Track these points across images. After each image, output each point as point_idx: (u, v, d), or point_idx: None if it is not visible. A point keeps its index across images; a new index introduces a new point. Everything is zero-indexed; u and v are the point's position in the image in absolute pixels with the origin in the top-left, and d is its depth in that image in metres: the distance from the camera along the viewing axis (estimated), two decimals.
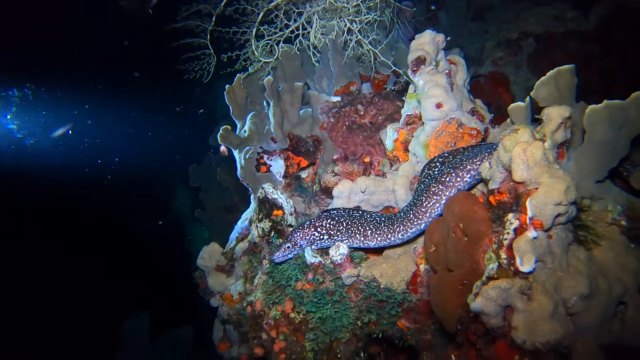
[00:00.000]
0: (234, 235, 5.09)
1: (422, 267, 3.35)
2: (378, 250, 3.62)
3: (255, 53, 4.99)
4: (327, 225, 3.24)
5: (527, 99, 3.12)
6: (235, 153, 4.96)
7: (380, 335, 3.38)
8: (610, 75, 6.47)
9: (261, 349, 3.42)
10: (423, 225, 3.07)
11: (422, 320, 3.23)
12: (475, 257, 2.53)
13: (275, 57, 4.92)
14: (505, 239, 2.25)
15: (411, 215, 3.12)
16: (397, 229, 3.17)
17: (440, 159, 3.28)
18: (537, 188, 2.20)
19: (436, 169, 3.22)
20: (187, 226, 11.89)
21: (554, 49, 6.50)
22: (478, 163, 2.97)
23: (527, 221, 2.19)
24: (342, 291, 3.28)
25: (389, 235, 3.20)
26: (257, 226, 3.67)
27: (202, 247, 4.80)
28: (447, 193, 2.98)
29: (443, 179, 3.02)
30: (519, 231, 2.22)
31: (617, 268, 2.29)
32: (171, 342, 10.96)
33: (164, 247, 12.24)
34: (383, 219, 3.25)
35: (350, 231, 3.23)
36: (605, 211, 2.53)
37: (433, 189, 3.05)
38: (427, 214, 3.05)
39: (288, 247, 3.27)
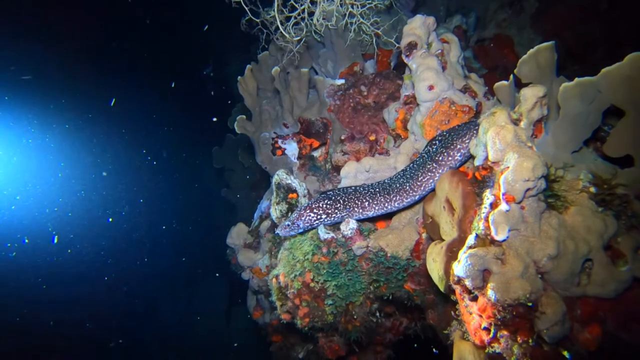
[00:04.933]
0: (257, 214, 5.58)
1: (424, 235, 3.74)
2: (387, 217, 4.04)
3: (286, 35, 5.03)
4: (324, 206, 3.63)
5: (511, 76, 3.36)
6: (253, 140, 5.38)
7: (390, 297, 3.84)
8: (616, 27, 6.45)
9: (288, 314, 3.94)
10: (417, 196, 3.50)
11: (426, 282, 3.66)
12: (463, 227, 2.90)
13: (304, 33, 5.01)
14: (483, 213, 2.61)
15: (407, 187, 3.51)
16: (394, 199, 3.57)
17: (439, 137, 3.58)
18: (508, 167, 2.53)
19: (434, 147, 3.54)
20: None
21: (556, 4, 6.49)
22: (467, 141, 3.31)
23: (501, 196, 2.53)
24: (354, 261, 3.74)
25: (386, 204, 3.60)
26: (275, 208, 4.13)
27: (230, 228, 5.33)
28: (440, 170, 3.33)
29: (437, 158, 3.38)
30: (494, 205, 2.57)
31: (584, 230, 2.62)
32: (210, 296, 11.93)
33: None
34: (378, 189, 3.63)
35: (348, 206, 3.62)
36: (577, 179, 2.82)
37: (428, 166, 3.41)
38: (422, 188, 3.44)
39: (288, 225, 3.71)
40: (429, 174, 3.39)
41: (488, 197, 2.62)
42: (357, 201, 3.60)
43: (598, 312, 2.60)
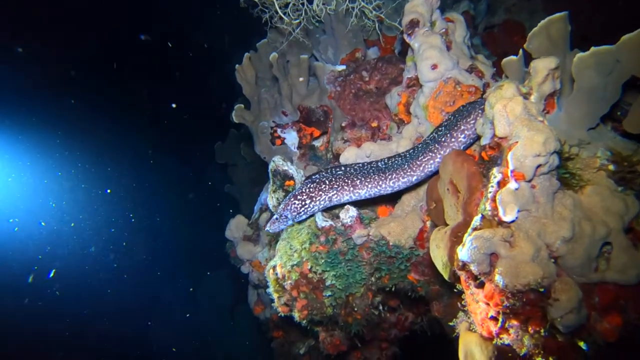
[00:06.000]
0: (257, 206, 5.41)
1: (429, 223, 3.53)
2: (388, 203, 3.82)
3: (285, 18, 4.84)
4: (307, 190, 3.35)
5: (520, 51, 3.14)
6: (251, 129, 5.21)
7: (393, 289, 3.64)
8: (635, 9, 6.16)
9: (285, 307, 3.75)
10: (415, 178, 3.25)
11: (430, 272, 3.45)
12: (469, 211, 2.68)
13: (302, 17, 4.80)
14: (490, 192, 2.40)
15: (405, 166, 3.27)
16: (389, 177, 3.29)
17: (446, 122, 3.35)
18: (517, 142, 2.32)
19: (441, 132, 3.31)
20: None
21: None
22: (472, 122, 3.09)
23: (509, 174, 2.32)
24: (354, 250, 3.53)
25: (380, 183, 3.31)
26: (272, 197, 3.94)
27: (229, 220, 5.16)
28: (442, 152, 3.12)
29: (440, 139, 3.17)
30: (501, 184, 2.36)
31: (602, 211, 2.39)
32: (214, 295, 11.71)
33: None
34: (372, 167, 3.38)
35: (336, 186, 3.33)
36: (594, 157, 2.60)
37: (430, 147, 3.20)
38: (421, 168, 3.21)
39: (276, 218, 3.45)
40: (430, 154, 3.16)
41: (495, 175, 2.40)
42: (346, 180, 3.33)
43: (618, 300, 2.37)
